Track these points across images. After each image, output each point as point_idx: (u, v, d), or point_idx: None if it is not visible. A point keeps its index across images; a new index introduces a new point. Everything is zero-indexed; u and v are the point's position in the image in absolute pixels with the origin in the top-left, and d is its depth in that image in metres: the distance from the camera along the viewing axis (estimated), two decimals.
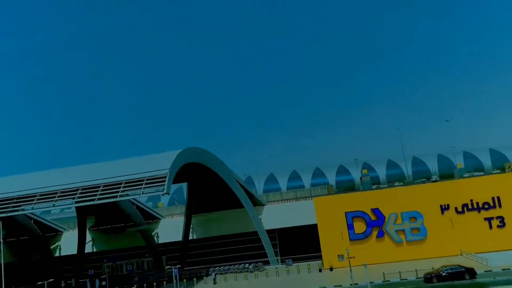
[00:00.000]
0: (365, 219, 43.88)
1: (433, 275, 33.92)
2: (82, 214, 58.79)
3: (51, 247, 63.80)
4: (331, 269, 43.46)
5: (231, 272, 50.03)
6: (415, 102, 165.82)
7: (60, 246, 65.27)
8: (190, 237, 61.32)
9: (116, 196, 41.19)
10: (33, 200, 43.20)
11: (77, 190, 42.36)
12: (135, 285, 48.34)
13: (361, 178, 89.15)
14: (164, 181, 40.22)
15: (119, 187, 41.11)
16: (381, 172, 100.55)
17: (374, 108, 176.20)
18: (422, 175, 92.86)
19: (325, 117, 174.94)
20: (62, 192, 42.74)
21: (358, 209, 44.05)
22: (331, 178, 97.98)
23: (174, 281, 46.92)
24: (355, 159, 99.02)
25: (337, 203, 45.37)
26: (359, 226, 43.87)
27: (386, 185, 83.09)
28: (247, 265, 51.84)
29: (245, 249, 61.03)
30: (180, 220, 63.92)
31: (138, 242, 63.60)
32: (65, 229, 66.39)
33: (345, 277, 38.83)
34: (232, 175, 56.01)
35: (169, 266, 50.23)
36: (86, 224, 60.85)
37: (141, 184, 40.72)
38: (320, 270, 43.74)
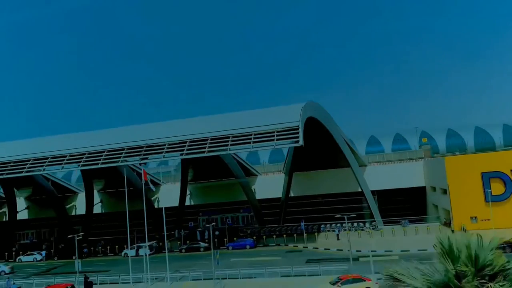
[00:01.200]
0: (504, 180, 41.23)
1: (506, 244, 32.93)
2: (186, 166, 59.66)
3: (152, 198, 65.84)
4: (464, 230, 41.57)
5: (345, 230, 49.26)
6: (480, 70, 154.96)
7: (158, 198, 67.20)
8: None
9: (248, 148, 40.86)
10: (163, 148, 43.72)
11: (207, 140, 42.27)
12: (254, 237, 48.77)
13: (420, 146, 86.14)
14: (297, 133, 39.17)
15: (250, 139, 40.49)
16: (441, 142, 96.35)
17: (435, 74, 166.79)
18: (485, 146, 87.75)
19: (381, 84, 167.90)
20: (191, 142, 42.87)
21: (496, 170, 41.37)
22: (387, 146, 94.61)
23: (291, 235, 47.08)
24: (415, 127, 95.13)
25: (472, 162, 42.83)
26: (497, 188, 41.32)
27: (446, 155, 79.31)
28: (361, 224, 50.95)
29: (344, 209, 60.16)
30: (276, 177, 63.77)
31: (233, 197, 64.58)
32: (163, 182, 68.12)
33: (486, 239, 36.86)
34: (340, 133, 54.35)
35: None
36: (188, 177, 61.95)
37: (273, 136, 39.85)
38: (453, 231, 41.98)
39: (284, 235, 47.45)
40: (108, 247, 50.35)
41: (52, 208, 64.86)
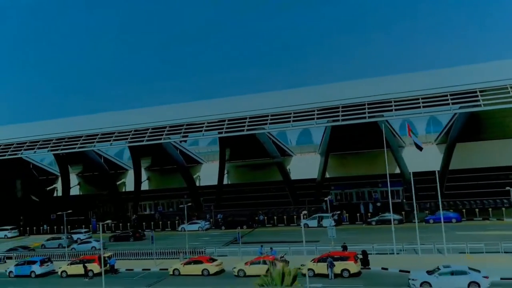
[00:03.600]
0: None
1: None
2: (334, 136, 55.14)
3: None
4: None
5: None
6: None
7: (289, 169, 63.22)
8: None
9: (479, 106, 35.90)
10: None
11: (417, 99, 37.61)
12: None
13: None
14: None
15: (476, 96, 35.44)
16: None
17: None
18: None
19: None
20: (396, 101, 38.27)
21: None
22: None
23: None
24: None
25: None
26: None
27: None
28: None
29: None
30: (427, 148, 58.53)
31: (371, 170, 60.05)
32: (293, 154, 64.12)
33: None
34: None
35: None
36: (330, 147, 57.52)
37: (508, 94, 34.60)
38: None
39: (490, 209, 42.65)
40: (275, 217, 46.77)
41: (182, 178, 62.12)
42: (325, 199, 58.32)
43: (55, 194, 72.06)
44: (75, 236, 50.20)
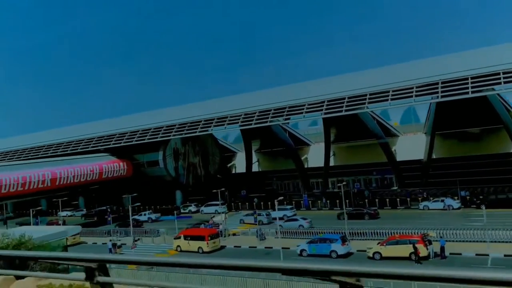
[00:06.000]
0: None
1: None
2: None
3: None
4: None
5: None
6: None
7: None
8: None
9: None
10: None
11: None
12: None
13: None
14: None
15: None
16: None
17: None
18: None
19: None
20: None
21: None
22: None
23: None
24: None
25: None
26: None
27: None
28: None
29: None
30: None
31: None
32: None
33: None
34: None
35: None
36: None
37: None
38: None
39: None
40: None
41: (383, 152, 55.44)
42: None
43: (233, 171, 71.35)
44: (281, 213, 46.82)
